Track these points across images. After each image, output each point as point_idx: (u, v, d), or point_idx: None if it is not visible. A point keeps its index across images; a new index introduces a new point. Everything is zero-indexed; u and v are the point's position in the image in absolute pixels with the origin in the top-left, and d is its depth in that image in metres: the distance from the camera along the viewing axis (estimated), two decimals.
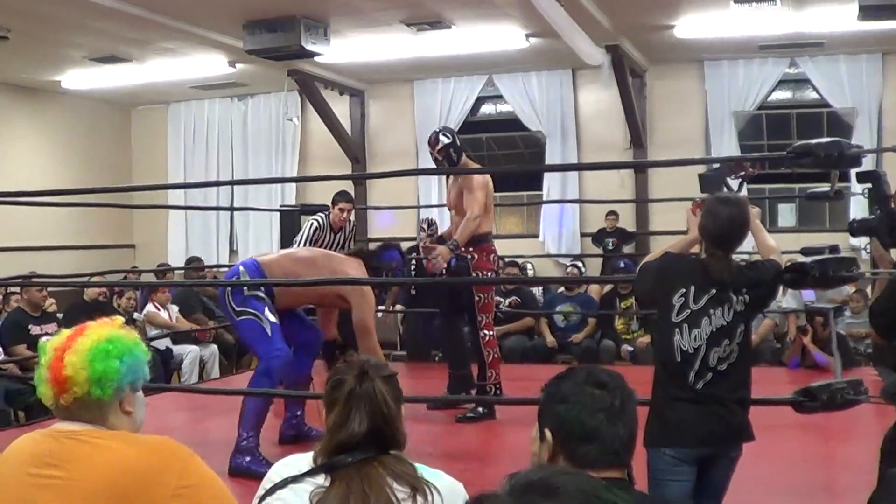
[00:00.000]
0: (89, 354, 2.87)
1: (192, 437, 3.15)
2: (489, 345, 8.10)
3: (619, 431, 2.67)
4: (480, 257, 8.14)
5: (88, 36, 12.86)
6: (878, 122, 14.20)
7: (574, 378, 2.78)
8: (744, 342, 4.40)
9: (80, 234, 16.46)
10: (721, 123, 14.92)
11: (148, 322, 12.13)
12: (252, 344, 6.88)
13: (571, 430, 2.67)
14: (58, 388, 2.87)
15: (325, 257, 7.22)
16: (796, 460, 6.62)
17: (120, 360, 2.91)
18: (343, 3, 11.70)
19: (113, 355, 2.90)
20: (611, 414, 2.67)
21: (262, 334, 6.62)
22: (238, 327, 6.89)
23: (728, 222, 4.44)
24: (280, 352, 6.64)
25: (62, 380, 2.85)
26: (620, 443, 2.67)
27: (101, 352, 2.88)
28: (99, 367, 2.86)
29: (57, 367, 2.86)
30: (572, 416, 2.67)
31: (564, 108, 15.72)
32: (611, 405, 2.69)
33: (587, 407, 2.68)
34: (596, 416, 2.66)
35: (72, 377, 2.84)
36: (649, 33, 13.31)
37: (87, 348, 2.88)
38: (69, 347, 2.88)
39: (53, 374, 2.87)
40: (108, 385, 2.88)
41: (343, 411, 2.93)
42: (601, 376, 2.77)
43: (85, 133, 17.33)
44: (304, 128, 16.99)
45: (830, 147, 5.19)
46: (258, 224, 16.83)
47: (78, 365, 2.85)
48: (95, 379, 2.85)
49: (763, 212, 13.99)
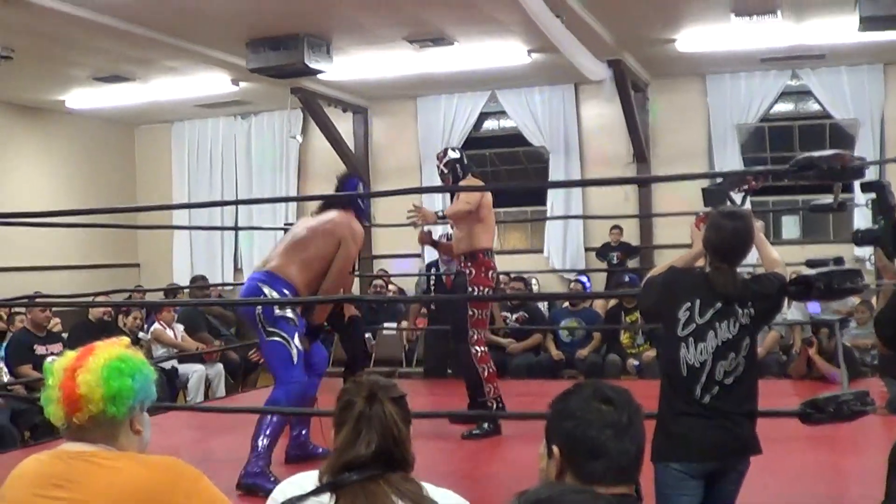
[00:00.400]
0: (104, 372, 2.87)
1: (198, 456, 3.16)
2: (482, 360, 8.08)
3: (626, 447, 2.66)
4: (478, 273, 8.12)
5: (92, 55, 12.90)
6: (880, 132, 14.21)
7: (581, 394, 2.78)
8: (750, 355, 4.40)
9: (84, 254, 16.47)
10: (724, 136, 14.93)
11: (155, 340, 12.13)
12: (275, 367, 6.82)
13: (579, 447, 2.67)
14: (71, 408, 2.87)
15: (310, 231, 7.05)
16: (804, 473, 6.61)
17: (133, 379, 2.92)
18: (346, 21, 11.73)
19: (126, 374, 2.91)
20: (618, 430, 2.67)
21: (288, 360, 6.65)
22: (265, 346, 6.83)
23: (733, 236, 4.44)
24: (300, 380, 6.68)
25: (76, 398, 2.85)
26: (628, 459, 2.67)
27: (115, 370, 2.89)
28: (115, 385, 2.87)
29: (70, 385, 2.86)
30: (580, 433, 2.67)
31: (567, 123, 15.73)
32: (618, 421, 2.68)
33: (595, 423, 2.67)
34: (603, 432, 2.66)
35: (86, 395, 2.84)
36: (651, 47, 13.33)
37: (101, 366, 2.88)
38: (81, 367, 2.89)
39: (66, 393, 2.87)
40: (123, 403, 2.89)
41: (352, 433, 2.92)
42: (608, 392, 2.77)
43: (89, 152, 17.35)
44: (308, 145, 16.98)
45: (833, 159, 5.19)
46: (262, 242, 16.80)
47: (93, 383, 2.85)
48: (111, 396, 2.86)
49: (767, 224, 13.96)
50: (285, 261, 6.87)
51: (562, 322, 12.73)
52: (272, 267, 6.84)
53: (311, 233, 7.01)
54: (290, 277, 6.78)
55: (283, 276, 6.77)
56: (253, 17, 11.47)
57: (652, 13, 11.77)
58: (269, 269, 6.85)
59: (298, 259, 6.87)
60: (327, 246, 6.90)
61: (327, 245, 6.90)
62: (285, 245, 7.02)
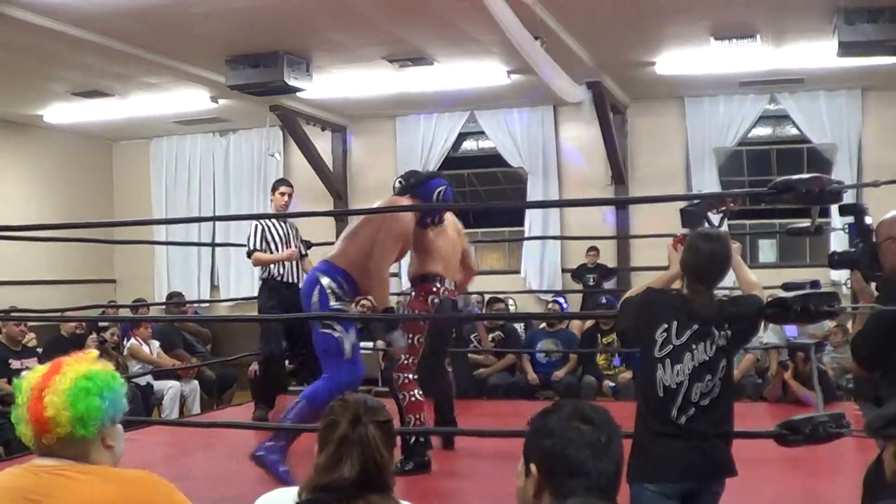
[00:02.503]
0: (70, 394, 2.84)
1: (173, 472, 3.14)
2: (406, 388, 7.52)
3: (605, 467, 2.66)
4: (417, 296, 7.74)
5: (71, 70, 12.86)
6: (857, 157, 14.26)
7: (561, 412, 2.77)
8: (726, 377, 4.41)
9: (61, 269, 16.38)
10: (702, 159, 14.96)
11: (131, 356, 12.09)
12: (325, 360, 6.83)
13: (557, 465, 2.67)
14: (39, 429, 2.86)
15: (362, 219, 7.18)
16: (779, 495, 6.61)
17: (100, 397, 2.89)
18: (326, 39, 11.74)
19: (93, 392, 2.88)
20: (597, 449, 2.67)
21: (339, 354, 6.69)
22: (317, 339, 6.83)
23: (710, 258, 4.45)
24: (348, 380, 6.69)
25: (43, 421, 2.83)
26: (606, 478, 2.66)
27: (82, 390, 2.86)
28: (81, 407, 2.84)
29: (37, 408, 2.84)
30: (559, 451, 2.67)
31: (546, 144, 15.75)
32: (597, 440, 2.68)
33: (574, 442, 2.67)
34: (582, 451, 2.66)
35: (53, 418, 2.82)
36: (630, 70, 13.37)
37: (67, 388, 2.85)
38: (47, 387, 2.86)
39: (34, 416, 2.85)
40: (92, 424, 2.87)
41: (334, 455, 2.92)
42: (588, 411, 2.77)
43: (67, 167, 17.27)
44: (287, 163, 16.93)
45: (811, 182, 5.21)
46: (240, 259, 16.72)
47: (59, 405, 2.82)
48: (78, 418, 2.84)
49: (744, 247, 13.96)
50: (341, 250, 6.98)
51: (538, 343, 12.73)
52: (330, 257, 6.97)
53: (361, 221, 7.14)
54: (346, 266, 6.88)
55: (340, 265, 6.88)
56: (233, 34, 11.47)
57: (632, 36, 11.80)
58: (327, 259, 6.97)
59: (352, 247, 6.97)
60: (372, 232, 6.97)
61: (372, 232, 6.97)
62: (343, 236, 7.15)
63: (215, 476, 6.82)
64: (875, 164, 13.67)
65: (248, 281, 15.72)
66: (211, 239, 17.16)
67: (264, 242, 9.77)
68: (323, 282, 6.80)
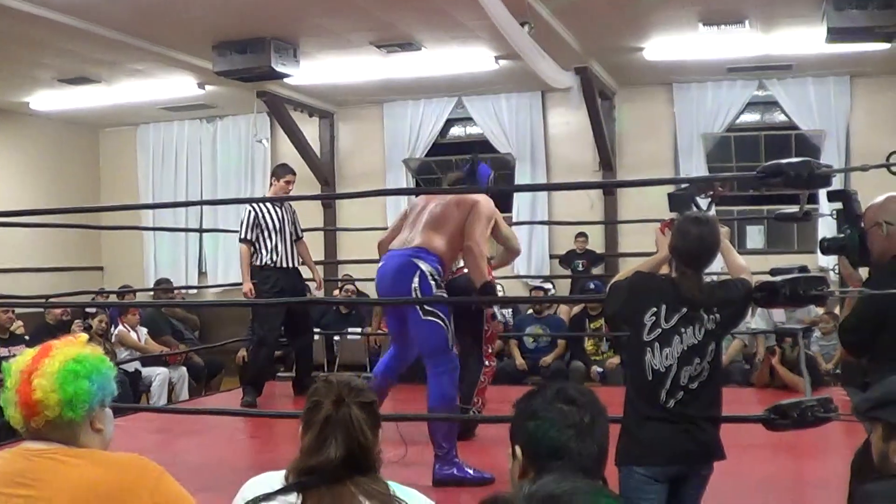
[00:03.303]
0: (59, 377, 2.84)
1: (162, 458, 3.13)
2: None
3: (588, 448, 2.67)
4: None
5: (57, 57, 12.80)
6: (845, 143, 14.26)
7: (544, 395, 2.78)
8: (715, 361, 4.41)
9: (48, 256, 16.34)
10: (690, 146, 14.95)
11: (119, 343, 12.08)
12: (432, 350, 6.68)
13: (541, 447, 2.67)
14: (28, 412, 2.85)
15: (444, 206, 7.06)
16: (767, 478, 6.61)
17: (89, 380, 2.89)
18: (313, 25, 11.70)
19: (82, 376, 2.87)
20: (580, 430, 2.68)
21: (445, 342, 6.62)
22: (421, 327, 6.70)
23: (698, 241, 4.45)
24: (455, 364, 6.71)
25: (32, 403, 2.83)
26: (590, 459, 2.67)
27: (71, 373, 2.86)
28: (70, 390, 2.84)
29: (26, 390, 2.83)
30: (541, 433, 2.68)
31: (534, 131, 15.73)
32: (580, 421, 2.69)
33: (556, 423, 2.68)
34: (565, 432, 2.67)
35: (42, 401, 2.82)
36: (618, 56, 13.36)
37: (56, 370, 2.85)
38: (36, 370, 2.85)
39: (23, 398, 2.84)
40: (80, 407, 2.86)
41: (318, 436, 2.91)
42: (572, 393, 2.78)
43: (53, 155, 17.21)
44: (274, 150, 16.88)
45: (801, 167, 5.21)
46: (227, 246, 16.69)
47: (48, 388, 2.82)
48: (67, 401, 2.83)
49: (732, 233, 14.02)
50: (429, 236, 6.89)
51: (527, 329, 12.74)
52: (419, 243, 6.84)
53: (445, 206, 7.03)
54: (438, 251, 6.83)
55: (433, 251, 6.81)
56: (219, 20, 11.43)
57: (620, 21, 11.79)
58: (416, 245, 6.84)
59: (440, 233, 6.91)
60: (462, 216, 6.96)
61: (462, 215, 6.96)
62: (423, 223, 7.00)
63: (203, 462, 6.80)
64: (863, 151, 13.65)
65: (236, 267, 15.55)
66: (198, 226, 17.10)
67: (257, 229, 9.77)
68: (423, 267, 6.69)
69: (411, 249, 6.81)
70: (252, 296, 9.69)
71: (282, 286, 9.81)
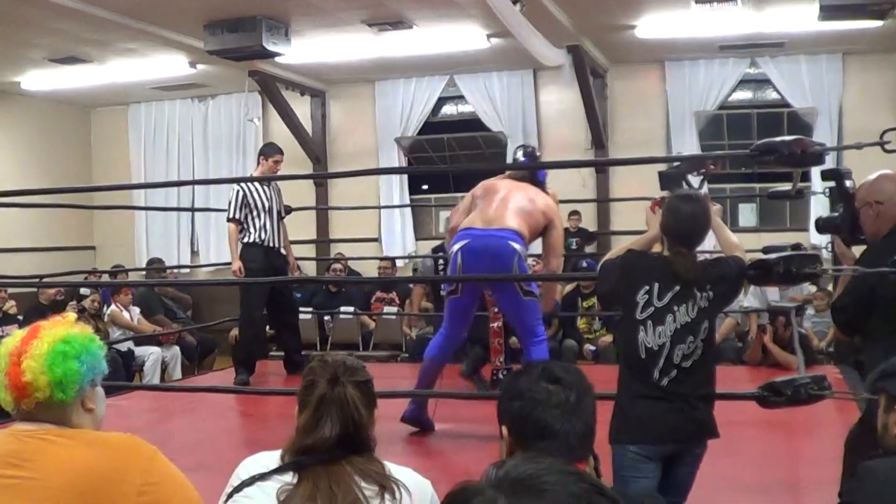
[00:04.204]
0: (48, 359, 2.82)
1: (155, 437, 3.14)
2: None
3: (574, 427, 2.68)
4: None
5: (48, 36, 12.75)
6: (838, 122, 14.24)
7: (530, 374, 2.79)
8: (708, 339, 4.42)
9: (40, 237, 16.30)
10: (682, 124, 14.93)
11: (111, 322, 12.08)
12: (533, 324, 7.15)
13: (527, 427, 2.69)
14: (18, 394, 2.84)
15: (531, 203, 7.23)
16: (761, 456, 6.64)
17: (79, 360, 2.87)
18: (304, 4, 11.66)
19: (71, 356, 2.86)
20: (565, 409, 2.69)
21: (540, 316, 7.19)
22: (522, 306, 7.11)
23: (690, 219, 4.46)
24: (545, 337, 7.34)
25: (22, 386, 2.82)
26: (576, 438, 2.68)
27: (59, 354, 2.84)
28: (59, 371, 2.82)
29: (15, 373, 2.82)
30: (527, 413, 2.69)
31: (526, 109, 15.69)
32: (566, 400, 2.70)
33: (542, 403, 2.69)
34: (550, 412, 2.67)
35: (32, 383, 2.80)
36: (610, 33, 13.32)
37: (45, 352, 2.83)
38: (25, 352, 2.84)
39: (12, 381, 2.83)
40: (71, 388, 2.85)
41: (314, 416, 2.93)
42: (557, 371, 2.79)
43: (45, 135, 17.15)
44: (266, 129, 16.83)
45: (794, 144, 5.21)
46: (219, 225, 16.63)
47: (37, 370, 2.80)
48: (57, 383, 2.82)
49: (724, 211, 14.03)
50: (519, 223, 7.08)
51: None
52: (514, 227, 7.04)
53: (533, 205, 7.21)
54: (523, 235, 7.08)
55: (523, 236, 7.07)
56: None
57: None
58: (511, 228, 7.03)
59: (527, 225, 7.13)
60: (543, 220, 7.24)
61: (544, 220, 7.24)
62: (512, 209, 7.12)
63: (198, 441, 6.82)
64: (856, 129, 13.62)
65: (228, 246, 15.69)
66: (190, 205, 17.07)
67: (245, 208, 9.79)
68: (519, 249, 6.96)
69: (507, 232, 7.01)
70: (242, 274, 9.71)
71: (268, 265, 9.85)
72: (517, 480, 1.44)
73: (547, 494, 1.41)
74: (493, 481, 1.46)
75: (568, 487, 1.42)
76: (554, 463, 1.50)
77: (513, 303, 7.14)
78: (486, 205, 7.18)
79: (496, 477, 1.47)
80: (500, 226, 6.98)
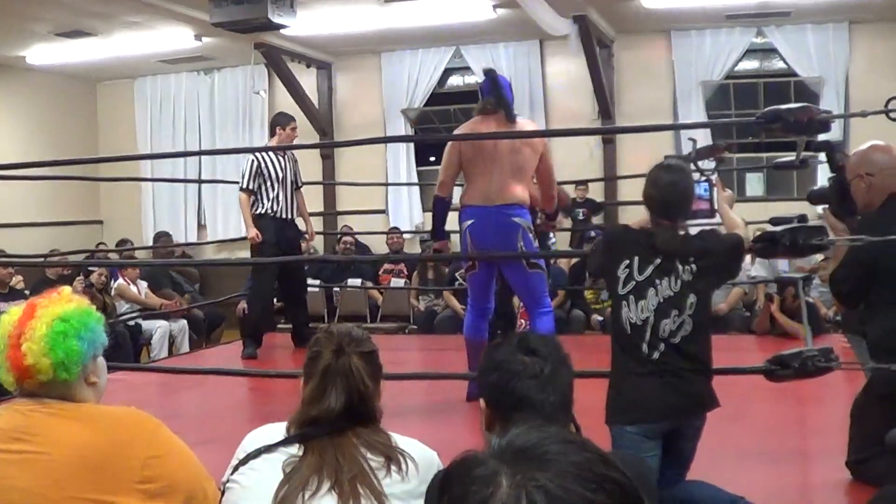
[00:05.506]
0: (48, 340, 2.81)
1: (162, 411, 3.15)
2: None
3: (548, 398, 2.69)
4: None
5: (53, 10, 12.72)
6: (844, 91, 14.20)
7: (507, 346, 2.81)
8: (696, 314, 4.38)
9: (47, 211, 16.32)
10: (688, 93, 14.89)
11: (119, 296, 12.10)
12: (540, 295, 7.29)
13: (503, 398, 2.71)
14: (20, 375, 2.84)
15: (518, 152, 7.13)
16: (767, 425, 6.64)
17: (79, 338, 2.87)
18: None
19: (71, 335, 2.85)
20: (541, 380, 2.70)
21: (545, 288, 7.34)
22: (529, 279, 7.22)
23: (671, 188, 4.45)
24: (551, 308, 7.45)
25: (24, 368, 2.81)
26: (552, 408, 2.69)
27: (60, 334, 2.83)
28: (60, 352, 2.82)
29: (16, 356, 2.81)
30: (503, 384, 2.72)
31: (532, 80, 15.66)
32: (541, 372, 2.71)
33: (517, 374, 2.71)
34: (525, 382, 2.69)
35: (34, 365, 2.80)
36: (617, 3, 13.27)
37: (45, 334, 2.82)
38: (23, 333, 2.83)
39: (14, 363, 2.83)
40: (73, 366, 2.86)
41: (319, 386, 2.94)
42: (533, 343, 2.80)
43: (51, 109, 17.14)
44: (272, 101, 16.81)
45: (800, 112, 5.20)
46: (226, 198, 16.66)
47: (38, 353, 2.80)
48: (59, 363, 2.82)
49: (731, 181, 14.03)
50: (515, 190, 7.09)
51: None
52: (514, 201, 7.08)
53: (522, 157, 7.17)
54: (525, 203, 7.16)
55: (523, 204, 7.13)
56: None
57: None
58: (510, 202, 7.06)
59: (523, 182, 7.18)
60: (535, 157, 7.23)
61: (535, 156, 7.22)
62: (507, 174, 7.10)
63: (203, 414, 6.83)
64: (862, 98, 13.55)
65: (236, 220, 15.63)
66: (197, 177, 17.07)
67: (259, 178, 9.78)
68: (523, 224, 7.06)
69: (507, 207, 7.04)
70: (259, 240, 9.70)
71: (280, 237, 9.84)
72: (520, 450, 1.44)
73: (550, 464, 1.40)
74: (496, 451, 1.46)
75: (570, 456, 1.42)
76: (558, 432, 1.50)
77: (519, 275, 7.23)
78: (483, 180, 7.12)
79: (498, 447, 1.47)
80: (501, 201, 7.00)
